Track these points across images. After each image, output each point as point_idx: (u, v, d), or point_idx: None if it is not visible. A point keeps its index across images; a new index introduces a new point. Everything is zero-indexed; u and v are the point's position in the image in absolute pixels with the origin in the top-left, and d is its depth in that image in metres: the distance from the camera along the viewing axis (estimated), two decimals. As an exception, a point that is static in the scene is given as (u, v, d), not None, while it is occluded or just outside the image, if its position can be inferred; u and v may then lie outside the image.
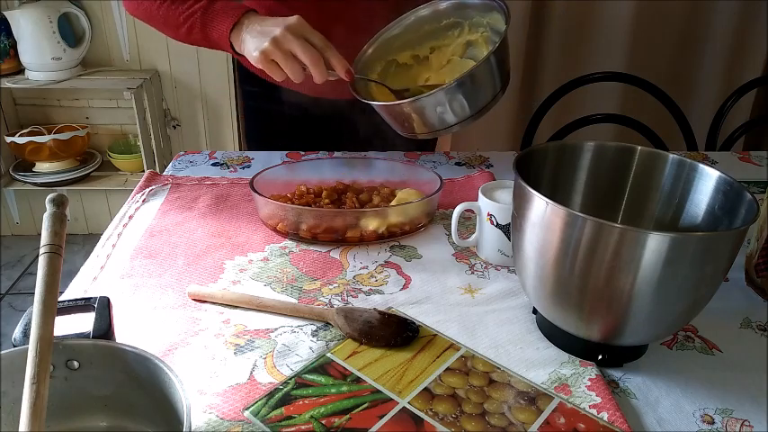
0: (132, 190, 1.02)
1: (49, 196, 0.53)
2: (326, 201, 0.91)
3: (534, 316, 0.72)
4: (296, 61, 0.84)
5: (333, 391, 0.60)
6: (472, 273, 0.81)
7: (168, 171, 1.11)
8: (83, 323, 0.57)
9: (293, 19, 0.84)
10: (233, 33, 0.87)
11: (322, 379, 0.62)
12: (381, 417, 0.57)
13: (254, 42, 0.85)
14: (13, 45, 2.16)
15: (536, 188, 0.59)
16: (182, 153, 1.18)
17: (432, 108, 0.85)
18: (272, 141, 1.20)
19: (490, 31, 0.94)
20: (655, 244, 0.54)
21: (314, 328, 0.70)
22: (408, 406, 0.58)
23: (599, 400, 0.59)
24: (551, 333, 0.68)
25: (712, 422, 0.58)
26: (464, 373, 0.63)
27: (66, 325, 0.56)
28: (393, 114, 0.90)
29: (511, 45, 0.99)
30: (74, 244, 2.42)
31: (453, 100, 0.84)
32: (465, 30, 0.96)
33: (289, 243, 0.87)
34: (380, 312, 0.70)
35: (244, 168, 1.12)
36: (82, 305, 0.60)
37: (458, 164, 1.16)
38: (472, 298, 0.76)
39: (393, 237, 0.88)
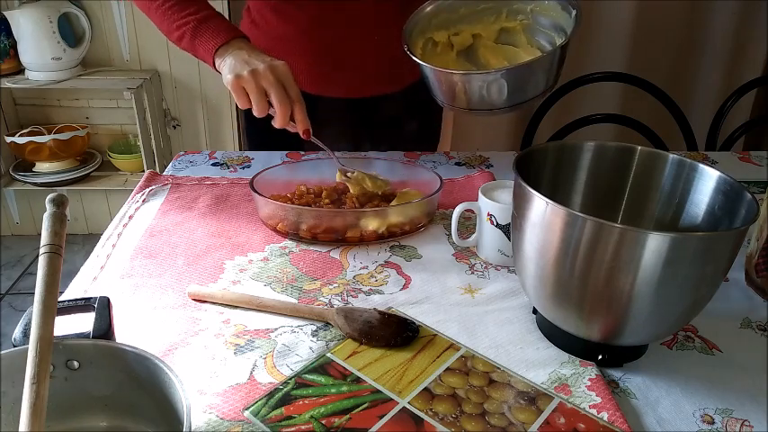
0: (132, 190, 1.02)
1: (49, 196, 0.53)
2: (326, 201, 0.91)
3: (534, 316, 0.72)
4: (265, 99, 0.85)
5: (333, 391, 0.60)
6: (472, 273, 0.81)
7: (168, 171, 1.11)
8: (83, 323, 0.57)
9: (280, 63, 0.85)
10: (218, 52, 0.88)
11: (322, 379, 0.62)
12: (381, 417, 0.57)
13: (233, 66, 0.85)
14: (13, 45, 2.16)
15: (536, 188, 0.59)
16: (182, 153, 1.18)
17: (486, 86, 0.84)
18: (271, 141, 1.20)
19: (532, 18, 0.93)
20: (655, 244, 0.54)
21: (314, 328, 0.70)
22: (408, 406, 0.58)
23: (599, 400, 0.59)
24: (551, 333, 0.68)
25: (712, 422, 0.58)
26: (464, 373, 0.63)
27: (66, 325, 0.56)
28: (440, 81, 0.89)
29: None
30: (74, 244, 2.42)
31: (513, 82, 0.82)
32: (502, 16, 0.95)
33: (289, 243, 0.87)
34: (380, 312, 0.70)
35: (244, 168, 1.12)
36: (82, 305, 0.60)
37: (458, 164, 1.16)
38: (472, 298, 0.76)
39: (393, 237, 0.88)
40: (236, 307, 0.73)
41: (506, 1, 0.94)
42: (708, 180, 0.66)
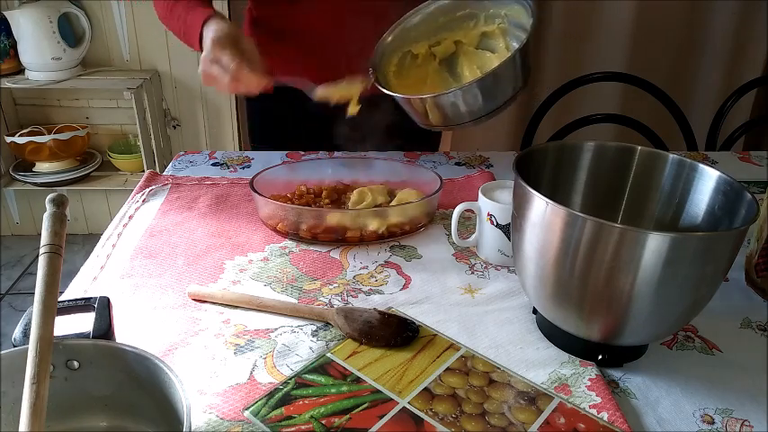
0: (132, 190, 1.02)
1: (49, 196, 0.53)
2: (326, 201, 0.91)
3: (534, 316, 0.72)
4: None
5: (333, 391, 0.60)
6: (472, 273, 0.81)
7: (168, 171, 1.11)
8: (83, 323, 0.57)
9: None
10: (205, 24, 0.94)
11: (322, 379, 0.62)
12: (381, 417, 0.57)
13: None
14: (13, 45, 2.16)
15: (536, 188, 0.59)
16: (182, 153, 1.18)
17: (451, 104, 0.84)
18: (276, 139, 1.21)
19: (508, 22, 0.94)
20: (655, 244, 0.54)
21: (314, 328, 0.70)
22: (408, 406, 0.58)
23: (599, 400, 0.59)
24: (551, 333, 0.68)
25: (712, 422, 0.58)
26: (464, 373, 0.63)
27: (66, 325, 0.56)
28: (411, 106, 0.90)
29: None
30: (74, 244, 2.42)
31: (473, 97, 0.83)
32: (480, 21, 0.95)
33: (289, 243, 0.87)
34: (380, 312, 0.70)
35: (244, 168, 1.12)
36: (82, 305, 0.60)
37: (458, 164, 1.16)
38: (472, 298, 0.76)
39: (393, 237, 0.88)
40: (236, 307, 0.73)
41: (482, 3, 0.95)
42: (708, 180, 0.66)
